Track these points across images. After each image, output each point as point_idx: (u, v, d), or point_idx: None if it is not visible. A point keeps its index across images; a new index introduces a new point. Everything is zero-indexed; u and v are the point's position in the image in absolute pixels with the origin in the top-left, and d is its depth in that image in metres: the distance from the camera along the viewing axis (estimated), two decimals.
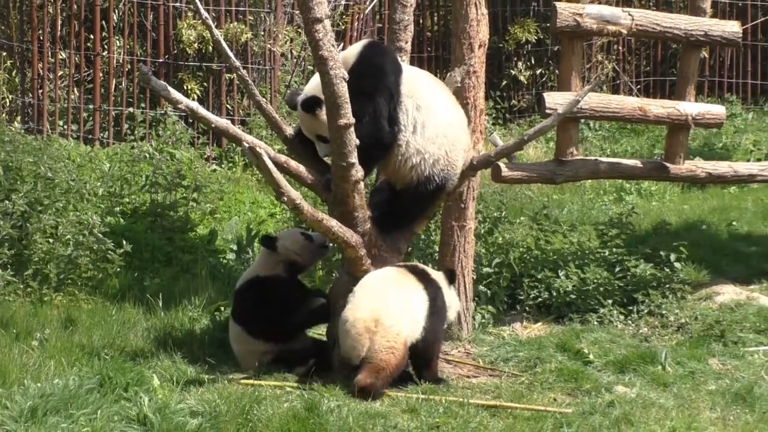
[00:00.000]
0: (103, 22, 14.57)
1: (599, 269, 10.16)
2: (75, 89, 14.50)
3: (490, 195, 11.66)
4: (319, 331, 8.84)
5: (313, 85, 8.38)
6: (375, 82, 8.15)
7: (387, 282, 8.09)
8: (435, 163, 8.31)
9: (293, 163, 8.31)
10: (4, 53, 14.78)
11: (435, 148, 8.32)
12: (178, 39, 14.48)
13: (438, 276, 8.42)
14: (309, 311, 8.53)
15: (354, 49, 8.42)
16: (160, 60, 14.53)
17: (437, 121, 8.36)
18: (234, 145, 13.19)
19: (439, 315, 8.23)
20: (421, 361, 8.15)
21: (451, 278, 8.56)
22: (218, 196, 11.42)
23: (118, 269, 9.75)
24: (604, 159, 10.52)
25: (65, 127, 14.28)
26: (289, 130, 8.49)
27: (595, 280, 10.04)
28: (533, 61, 17.53)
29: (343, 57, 8.12)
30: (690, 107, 10.19)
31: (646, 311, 9.95)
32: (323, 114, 8.10)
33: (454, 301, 8.51)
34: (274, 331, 8.42)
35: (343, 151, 7.96)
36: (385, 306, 7.96)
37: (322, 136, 8.22)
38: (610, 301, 9.96)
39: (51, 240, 9.51)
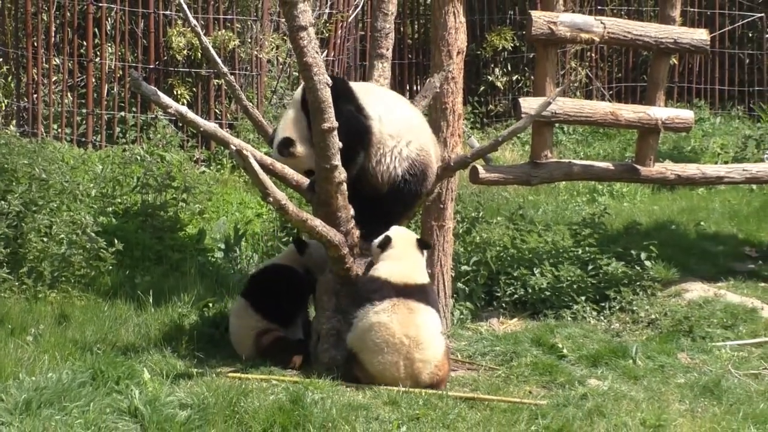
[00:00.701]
0: (96, 30, 14.53)
1: (573, 267, 10.18)
2: (68, 94, 14.46)
3: (468, 196, 11.67)
4: None
5: (283, 126, 8.44)
6: (333, 91, 8.12)
7: (409, 324, 8.04)
8: (408, 144, 8.37)
9: (279, 165, 8.31)
10: (0, 59, 14.74)
11: (405, 133, 8.39)
12: (168, 46, 14.45)
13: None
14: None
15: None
16: (151, 66, 14.50)
17: (398, 112, 8.51)
18: (222, 147, 13.19)
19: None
20: None
21: (424, 246, 8.57)
22: (207, 196, 11.40)
23: (110, 267, 9.74)
24: (577, 161, 10.55)
25: (59, 130, 14.24)
26: None
27: (568, 278, 10.06)
28: (509, 68, 17.53)
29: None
30: (660, 112, 10.21)
31: (617, 307, 9.98)
32: (299, 149, 8.18)
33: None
34: (276, 311, 8.54)
35: (327, 154, 7.97)
36: (423, 353, 8.00)
37: (309, 170, 8.28)
38: (583, 298, 9.98)
39: (45, 239, 9.50)
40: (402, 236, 8.38)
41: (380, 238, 8.28)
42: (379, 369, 7.95)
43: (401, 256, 8.25)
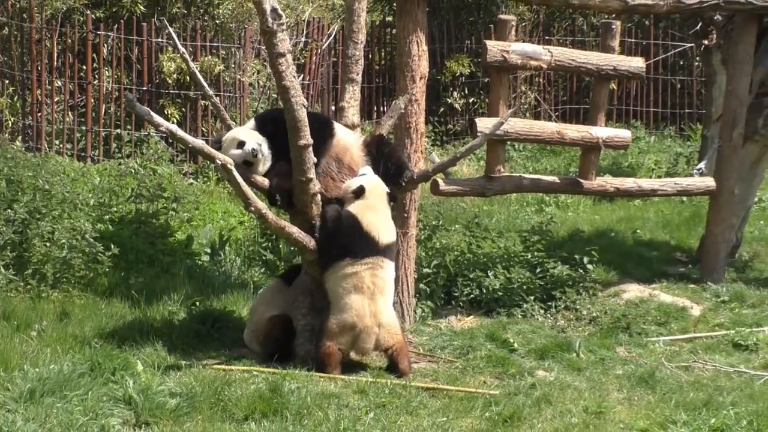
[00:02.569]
0: (94, 55, 14.49)
1: (523, 270, 10.19)
2: (69, 113, 14.41)
3: (429, 206, 11.68)
4: None
5: None
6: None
7: (377, 275, 8.17)
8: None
9: (259, 178, 8.30)
10: (7, 81, 14.68)
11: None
12: (159, 70, 14.42)
13: None
14: None
15: None
16: (144, 88, 14.46)
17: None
18: (208, 162, 13.16)
19: None
20: None
21: (392, 199, 8.64)
22: (194, 206, 11.38)
23: (107, 269, 9.70)
24: (527, 175, 10.55)
25: (61, 145, 14.19)
26: None
27: (519, 280, 10.07)
28: (467, 91, 17.58)
29: None
30: (601, 131, 10.25)
31: (563, 306, 9.99)
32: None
33: None
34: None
35: (303, 168, 7.99)
36: (381, 317, 8.18)
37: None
38: (532, 298, 9.99)
39: (48, 244, 9.45)
40: (374, 186, 8.37)
41: (355, 185, 8.26)
42: (347, 308, 8.05)
43: (377, 207, 8.27)
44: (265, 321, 8.46)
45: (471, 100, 17.52)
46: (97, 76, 14.52)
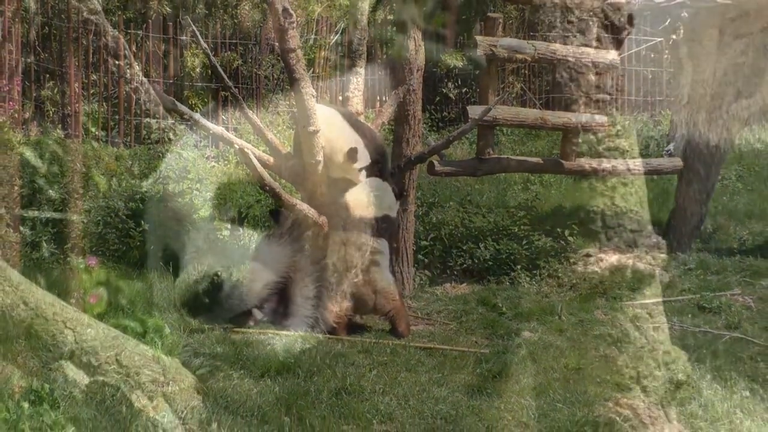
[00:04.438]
0: (126, 51, 14.47)
1: (510, 242, 10.19)
2: (104, 103, 14.40)
3: (426, 185, 11.66)
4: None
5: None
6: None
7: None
8: None
9: (272, 161, 8.29)
10: (48, 75, 14.66)
11: None
12: (184, 64, 14.40)
13: None
14: None
15: None
16: (170, 81, 14.44)
17: None
18: (228, 147, 13.14)
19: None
20: None
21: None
22: (215, 186, 11.37)
23: (138, 243, 9.71)
24: (514, 157, 10.54)
25: (96, 133, 14.19)
26: (270, 135, 8.45)
27: (507, 251, 10.07)
28: (460, 82, 17.52)
29: None
30: (580, 117, 10.22)
31: (546, 274, 9.99)
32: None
33: None
34: None
35: (313, 152, 7.96)
36: (376, 284, 8.24)
37: None
38: (518, 267, 9.99)
39: (85, 221, 9.46)
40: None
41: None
42: (345, 279, 8.11)
43: (368, 184, 8.28)
44: (261, 287, 8.45)
45: (464, 90, 17.46)
46: (128, 70, 14.49)
